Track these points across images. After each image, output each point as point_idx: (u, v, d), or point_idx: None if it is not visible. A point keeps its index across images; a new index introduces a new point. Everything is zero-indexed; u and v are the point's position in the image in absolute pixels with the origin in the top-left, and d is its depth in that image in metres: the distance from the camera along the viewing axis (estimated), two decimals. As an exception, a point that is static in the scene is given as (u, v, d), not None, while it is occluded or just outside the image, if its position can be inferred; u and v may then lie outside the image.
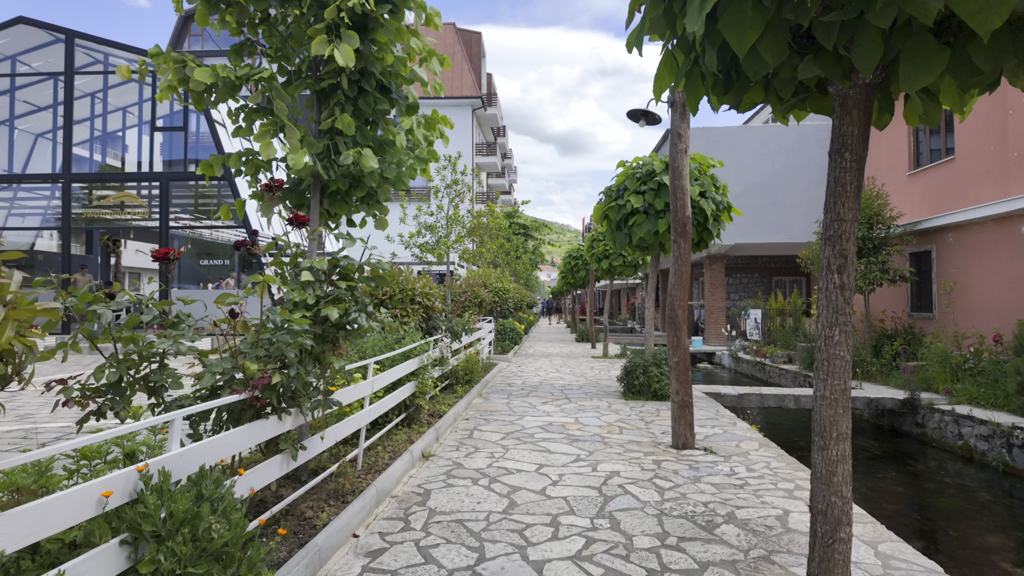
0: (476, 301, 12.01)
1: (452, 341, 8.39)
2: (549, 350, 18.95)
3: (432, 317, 7.93)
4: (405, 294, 7.24)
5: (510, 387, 10.41)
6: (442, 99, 41.51)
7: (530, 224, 23.02)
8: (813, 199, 20.80)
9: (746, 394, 10.31)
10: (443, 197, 10.76)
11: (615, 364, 14.79)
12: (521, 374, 12.37)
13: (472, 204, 11.21)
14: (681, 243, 6.21)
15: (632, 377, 9.27)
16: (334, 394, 4.09)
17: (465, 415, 7.78)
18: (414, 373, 6.51)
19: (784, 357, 16.13)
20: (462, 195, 10.82)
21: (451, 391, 8.87)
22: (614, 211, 9.00)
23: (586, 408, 8.44)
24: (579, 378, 11.85)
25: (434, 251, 10.46)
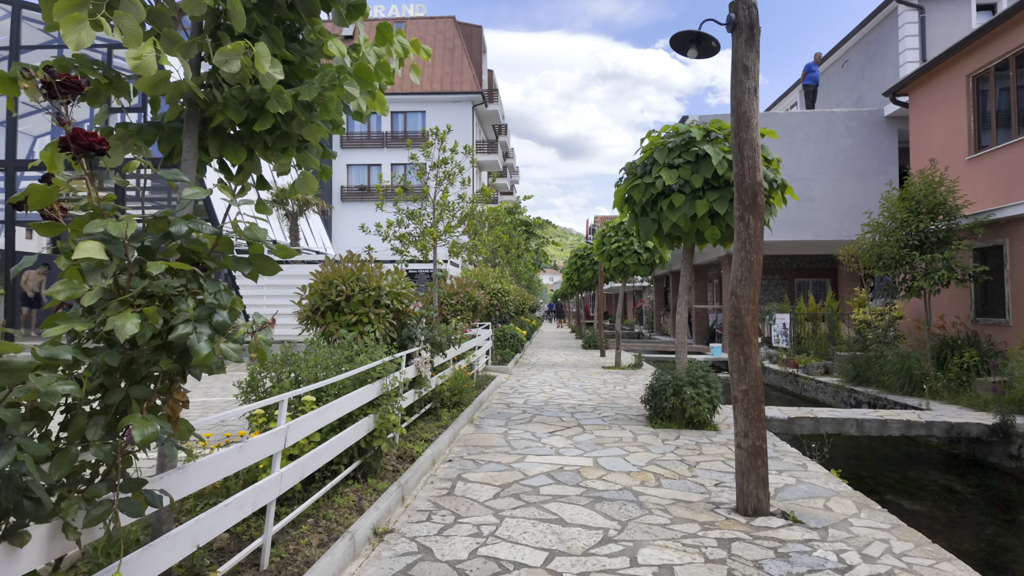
0: (470, 304, 10.17)
1: (434, 355, 6.54)
2: (554, 358, 17.08)
3: (407, 325, 6.08)
4: (367, 295, 5.40)
5: (509, 409, 8.55)
6: (441, 94, 39.92)
7: (533, 222, 21.17)
8: (843, 193, 18.95)
9: (797, 418, 8.44)
10: (429, 179, 8.94)
11: (630, 377, 12.91)
12: (523, 390, 10.51)
13: (464, 187, 9.38)
14: (751, 221, 4.36)
15: (661, 398, 7.41)
16: (182, 471, 2.25)
17: (448, 454, 5.92)
18: (374, 403, 4.67)
19: (820, 367, 14.26)
20: (452, 176, 8.99)
21: (433, 417, 7.02)
22: (639, 191, 7.15)
23: (606, 441, 6.58)
24: (591, 395, 9.99)
25: (418, 244, 8.63)
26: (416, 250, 8.66)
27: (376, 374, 4.68)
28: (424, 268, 14.05)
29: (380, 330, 5.46)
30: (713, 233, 7.00)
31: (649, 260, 13.79)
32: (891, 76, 19.07)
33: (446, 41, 42.95)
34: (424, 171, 8.97)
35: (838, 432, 8.38)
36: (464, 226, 9.30)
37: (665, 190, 7.09)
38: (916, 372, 10.48)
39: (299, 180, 3.36)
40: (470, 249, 9.49)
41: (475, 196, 9.15)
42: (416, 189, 9.33)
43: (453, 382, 7.52)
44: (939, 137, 13.16)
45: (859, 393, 11.56)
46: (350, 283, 5.41)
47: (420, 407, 6.50)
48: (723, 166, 6.73)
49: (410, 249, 8.86)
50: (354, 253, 5.93)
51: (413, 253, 8.84)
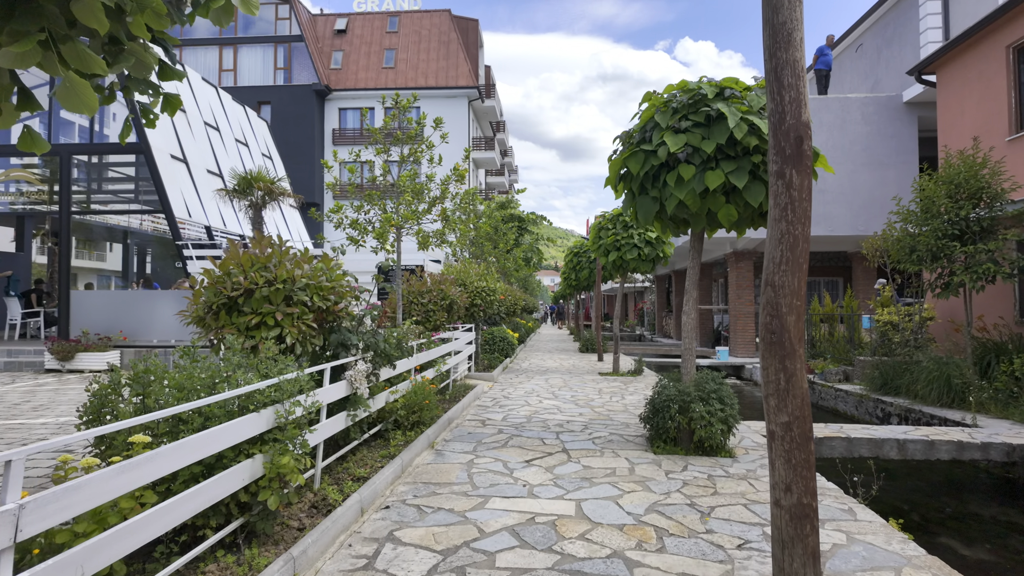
0: (444, 303, 8.82)
1: (379, 366, 5.19)
2: (547, 363, 15.73)
3: (338, 329, 4.73)
4: (274, 288, 4.06)
5: (483, 428, 7.20)
6: (436, 89, 38.74)
7: (526, 217, 19.81)
8: (859, 185, 17.59)
9: (826, 438, 7.08)
10: (390, 155, 7.58)
11: (629, 385, 11.56)
12: (506, 402, 9.16)
13: (433, 165, 8.00)
14: (794, 178, 3.01)
15: (663, 417, 6.05)
16: None
17: (387, 496, 4.57)
18: (259, 440, 3.33)
19: (839, 374, 12.89)
20: (418, 153, 7.64)
21: (382, 443, 5.67)
22: (637, 161, 5.80)
23: (595, 475, 5.22)
24: (583, 409, 8.63)
25: (376, 232, 7.27)
26: (376, 241, 7.32)
27: (264, 398, 3.34)
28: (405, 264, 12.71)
29: (293, 335, 4.12)
30: (728, 214, 5.66)
31: (650, 255, 12.42)
32: (910, 58, 17.70)
33: (441, 35, 41.79)
34: (384, 148, 7.60)
35: (875, 455, 7.02)
36: (436, 212, 7.95)
37: (669, 160, 5.74)
38: (957, 381, 9.11)
39: (61, 89, 2.03)
40: (444, 239, 8.12)
41: (446, 177, 7.80)
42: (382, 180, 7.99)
43: (412, 397, 6.17)
44: (973, 117, 11.80)
45: (887, 404, 10.20)
46: (252, 273, 4.07)
47: (360, 432, 5.15)
48: (741, 129, 5.39)
49: (367, 240, 7.51)
50: (280, 239, 4.60)
51: (372, 244, 7.47)
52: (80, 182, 14.06)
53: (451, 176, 7.81)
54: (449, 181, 7.81)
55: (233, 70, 40.32)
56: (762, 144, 5.49)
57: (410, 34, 42.48)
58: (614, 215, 12.87)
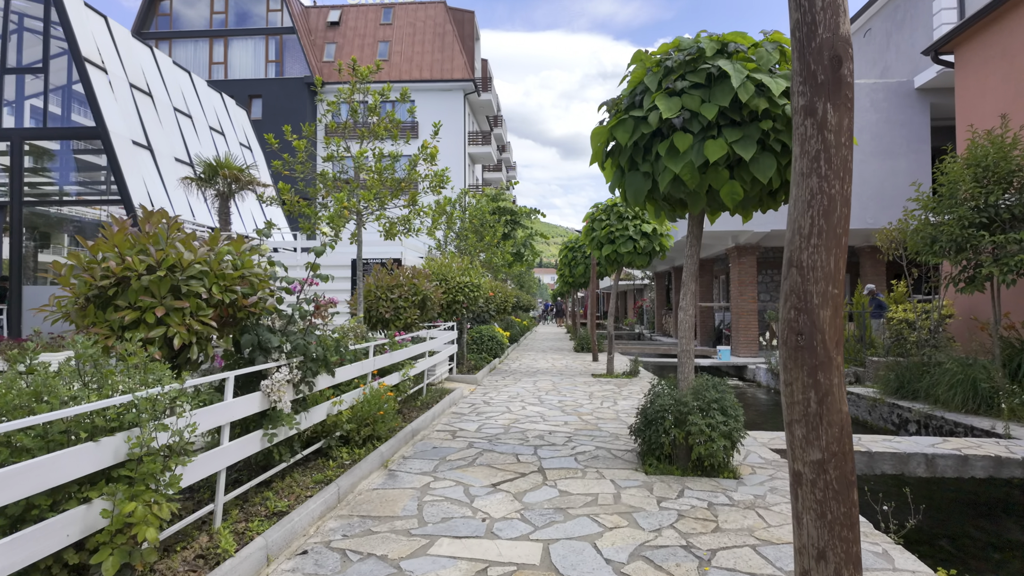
0: (416, 299, 7.94)
1: (315, 373, 4.32)
2: (539, 364, 14.85)
3: (252, 328, 3.86)
4: (158, 277, 3.19)
5: (452, 440, 6.32)
6: (431, 82, 37.89)
7: (519, 211, 18.88)
8: (867, 176, 16.69)
9: (844, 452, 6.21)
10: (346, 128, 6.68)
11: (623, 388, 10.68)
12: (484, 409, 8.29)
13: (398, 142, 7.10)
14: (828, 116, 2.13)
15: (656, 430, 5.18)
16: None
17: (309, 536, 3.70)
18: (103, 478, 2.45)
19: (849, 375, 12.01)
20: (378, 131, 6.73)
21: (323, 462, 4.80)
22: (625, 130, 4.92)
23: (572, 503, 4.34)
24: (570, 416, 7.75)
25: (329, 218, 6.34)
26: (330, 227, 6.41)
27: (107, 422, 2.47)
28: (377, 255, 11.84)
29: (183, 336, 3.24)
30: (732, 191, 4.77)
31: (647, 248, 11.54)
32: (922, 42, 16.79)
33: (436, 27, 40.92)
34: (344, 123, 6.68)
35: (899, 472, 6.14)
36: (406, 198, 7.06)
37: (662, 128, 4.85)
38: (984, 385, 8.23)
39: None
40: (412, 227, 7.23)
41: (414, 157, 6.90)
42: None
43: (364, 408, 5.29)
44: (996, 97, 10.90)
45: (904, 409, 9.32)
46: (130, 257, 3.19)
47: (289, 453, 4.27)
48: (747, 90, 4.51)
49: (322, 226, 6.61)
50: (167, 214, 3.74)
51: (325, 233, 6.57)
52: (37, 171, 13.20)
53: (419, 155, 6.92)
54: (416, 161, 6.91)
55: (224, 63, 39.47)
56: (773, 108, 4.61)
57: (404, 26, 41.62)
58: (608, 205, 12.00)
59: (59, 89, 12.08)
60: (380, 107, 7.17)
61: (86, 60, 11.50)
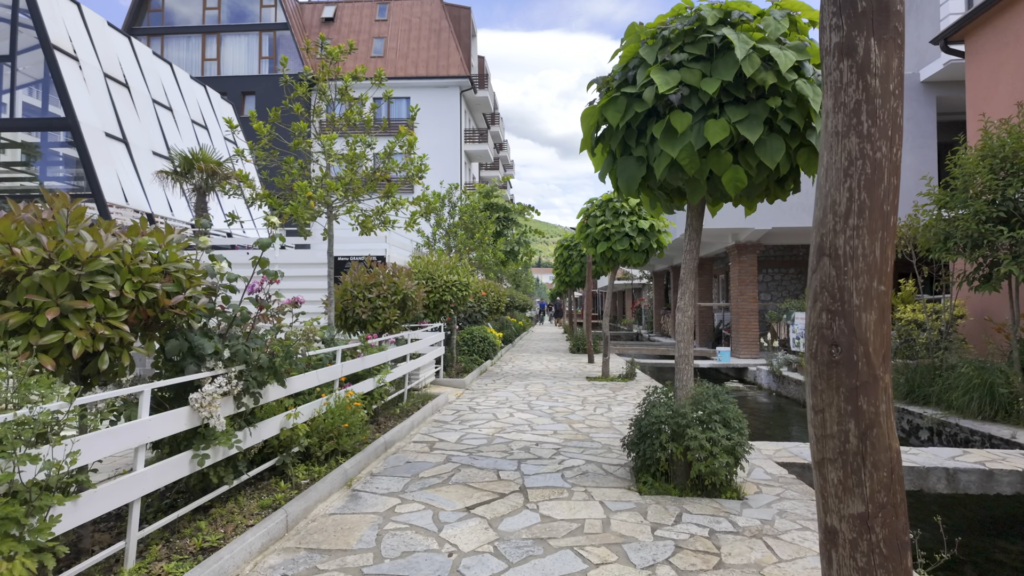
0: (395, 299, 7.41)
1: (263, 384, 3.79)
2: (532, 366, 14.32)
3: (182, 333, 3.33)
4: (52, 275, 2.66)
5: (429, 453, 5.79)
6: (426, 79, 37.39)
7: (513, 208, 18.32)
8: (872, 171, 16.17)
9: (857, 466, 5.68)
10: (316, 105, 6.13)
11: (619, 392, 10.15)
12: (469, 416, 7.76)
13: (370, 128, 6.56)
14: (872, 54, 1.61)
15: (652, 444, 4.65)
16: None
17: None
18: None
19: (855, 379, 11.49)
20: (351, 117, 6.19)
21: (275, 482, 4.26)
22: (617, 109, 4.40)
23: (555, 531, 3.81)
24: (560, 425, 7.22)
25: (291, 208, 5.77)
26: (292, 218, 5.88)
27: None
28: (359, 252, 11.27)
29: (85, 342, 2.72)
30: (735, 178, 4.24)
31: (643, 245, 11.02)
32: (928, 34, 16.28)
33: (432, 23, 40.42)
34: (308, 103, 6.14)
35: (917, 488, 5.61)
36: (382, 190, 6.51)
37: (658, 106, 4.33)
38: (1003, 391, 7.71)
39: None
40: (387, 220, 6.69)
41: (389, 144, 6.35)
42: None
43: (327, 420, 4.76)
44: (1010, 87, 10.38)
45: (916, 416, 8.80)
46: (21, 249, 2.67)
47: (231, 475, 3.74)
48: (753, 63, 3.98)
49: (270, 217, 6.02)
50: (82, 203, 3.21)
51: (272, 224, 5.98)
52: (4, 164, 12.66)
53: (394, 143, 6.38)
54: (392, 150, 6.36)
55: (216, 59, 38.94)
56: (781, 84, 4.08)
57: (400, 22, 41.11)
58: (603, 201, 11.47)
59: (28, 79, 11.54)
60: (368, 106, 6.63)
61: (56, 48, 10.95)
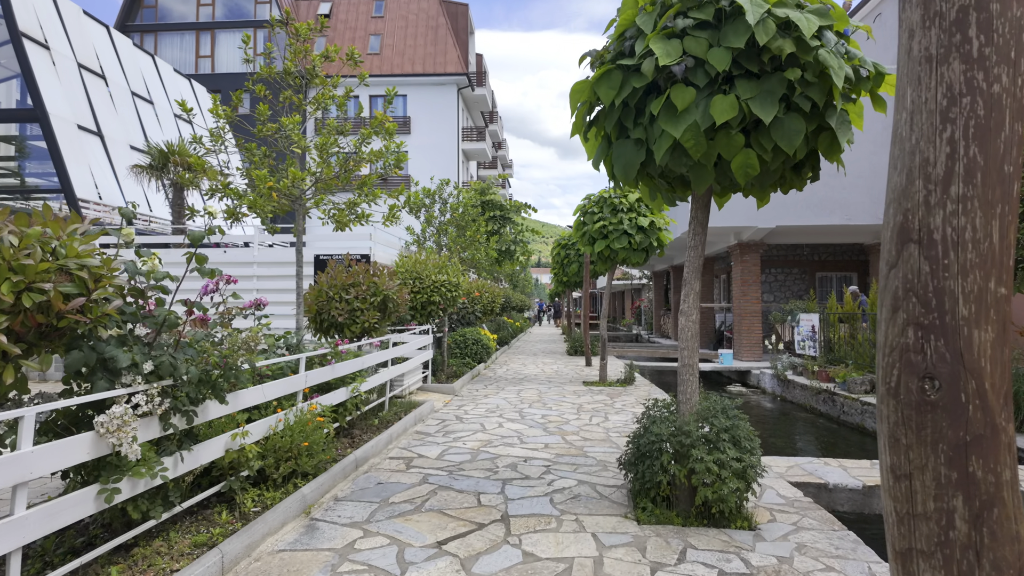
0: (375, 300, 6.87)
1: (198, 401, 3.24)
2: (527, 369, 13.77)
3: (84, 343, 2.78)
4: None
5: (405, 472, 5.24)
6: (423, 76, 36.88)
7: (508, 205, 17.77)
8: (879, 168, 15.63)
9: (878, 487, 5.13)
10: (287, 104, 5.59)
11: (617, 399, 9.60)
12: (456, 426, 7.21)
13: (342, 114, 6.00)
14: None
15: (651, 466, 4.10)
16: None
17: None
18: None
19: (864, 383, 10.95)
20: (321, 100, 5.64)
21: (219, 512, 3.71)
22: (611, 85, 3.85)
23: (538, 572, 3.27)
24: (552, 437, 6.67)
25: (250, 200, 5.22)
26: (251, 211, 5.33)
27: None
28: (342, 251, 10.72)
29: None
30: (746, 163, 3.69)
31: (643, 244, 10.47)
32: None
33: (429, 20, 39.92)
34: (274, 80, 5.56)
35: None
36: (357, 181, 5.96)
37: (658, 80, 3.78)
38: (1030, 401, 7.17)
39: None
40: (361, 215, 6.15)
41: (364, 132, 5.79)
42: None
43: (282, 439, 4.21)
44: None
45: None
46: None
47: (155, 510, 3.18)
48: (767, 30, 3.44)
49: (211, 206, 5.46)
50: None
51: (212, 214, 5.39)
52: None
53: (369, 131, 5.83)
54: (369, 137, 5.81)
55: (210, 56, 38.41)
56: (802, 54, 3.53)
57: (396, 19, 40.61)
58: (600, 197, 10.92)
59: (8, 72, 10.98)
60: (352, 103, 6.08)
61: (24, 35, 10.39)
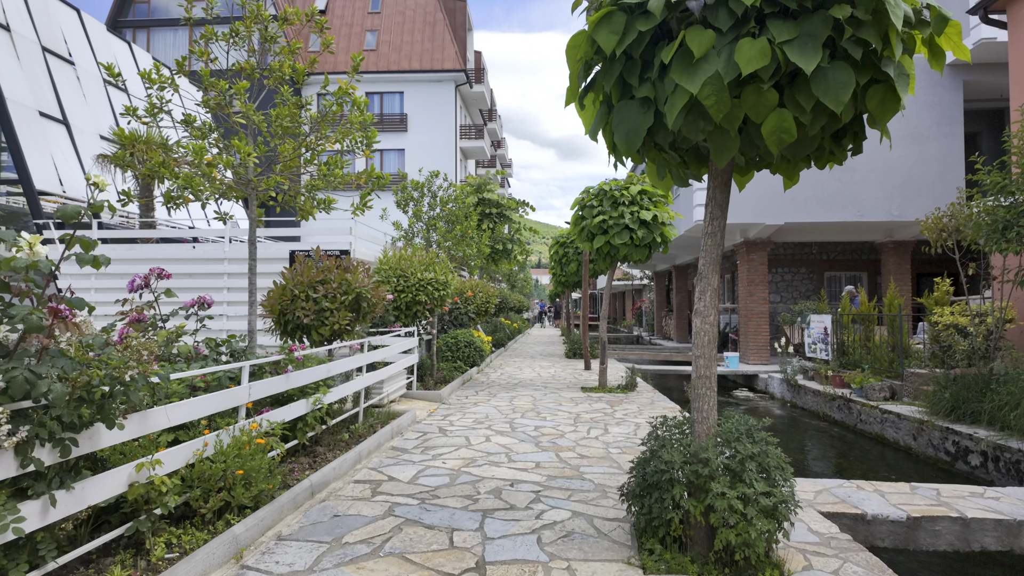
0: (344, 299, 6.11)
1: (82, 427, 2.49)
2: (523, 373, 13.01)
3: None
4: None
5: (371, 499, 4.48)
6: (420, 72, 36.21)
7: (505, 202, 17.02)
8: (893, 162, 14.89)
9: (926, 518, 4.36)
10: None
11: (618, 406, 8.84)
12: (438, 440, 6.46)
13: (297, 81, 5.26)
14: None
15: (659, 499, 3.36)
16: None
17: None
18: None
19: (883, 389, 10.19)
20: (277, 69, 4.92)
21: (122, 561, 2.95)
22: (613, 29, 3.09)
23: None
24: (545, 454, 5.91)
25: (185, 180, 4.46)
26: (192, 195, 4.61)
27: None
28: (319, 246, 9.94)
29: None
30: (781, 126, 2.92)
31: (645, 239, 9.71)
32: (954, 12, 15.00)
33: (426, 15, 39.27)
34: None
35: (1007, 548, 4.30)
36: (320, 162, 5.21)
37: (669, 22, 3.03)
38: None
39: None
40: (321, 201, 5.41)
41: (326, 104, 5.04)
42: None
43: (212, 466, 3.46)
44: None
45: (964, 437, 7.52)
46: None
47: (12, 569, 2.44)
48: (811, -47, 2.68)
49: (98, 177, 4.74)
50: None
51: (100, 185, 4.67)
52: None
53: (331, 102, 5.07)
54: (331, 111, 5.04)
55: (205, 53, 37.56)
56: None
57: (393, 15, 39.99)
58: (599, 189, 10.17)
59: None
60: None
61: None
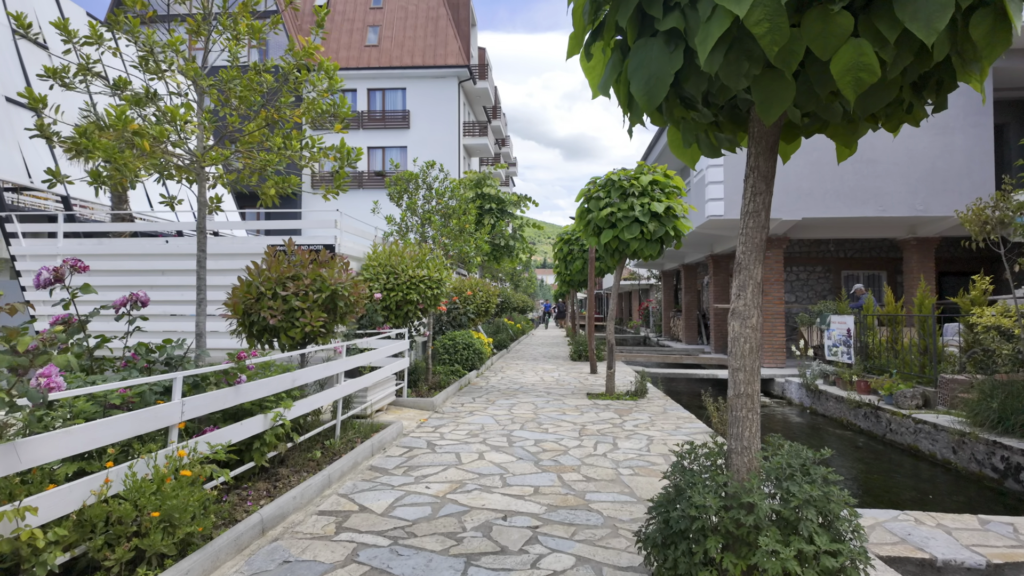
0: (318, 298, 5.38)
1: None
2: (525, 377, 12.25)
3: None
4: None
5: (334, 536, 3.74)
6: (423, 68, 35.55)
7: (507, 198, 16.26)
8: (917, 154, 14.05)
9: (1008, 566, 3.59)
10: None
11: (627, 416, 8.07)
12: (425, 458, 5.71)
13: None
14: None
15: (686, 551, 2.60)
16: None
17: None
18: None
19: (915, 397, 9.37)
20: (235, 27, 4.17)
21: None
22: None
23: None
24: (544, 477, 5.15)
25: (103, 148, 3.75)
26: (120, 172, 3.89)
27: None
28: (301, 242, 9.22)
29: None
30: (858, 62, 2.14)
31: (657, 233, 8.93)
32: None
33: (429, 11, 38.64)
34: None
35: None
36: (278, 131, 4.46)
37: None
38: None
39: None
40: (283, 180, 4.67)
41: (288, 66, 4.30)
42: None
43: (123, 505, 2.73)
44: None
45: (1013, 451, 6.72)
46: None
47: None
48: None
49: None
50: None
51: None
52: None
53: (292, 64, 4.32)
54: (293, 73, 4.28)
55: (203, 48, 37.02)
56: None
57: (396, 10, 39.38)
58: (607, 179, 9.40)
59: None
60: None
61: None
